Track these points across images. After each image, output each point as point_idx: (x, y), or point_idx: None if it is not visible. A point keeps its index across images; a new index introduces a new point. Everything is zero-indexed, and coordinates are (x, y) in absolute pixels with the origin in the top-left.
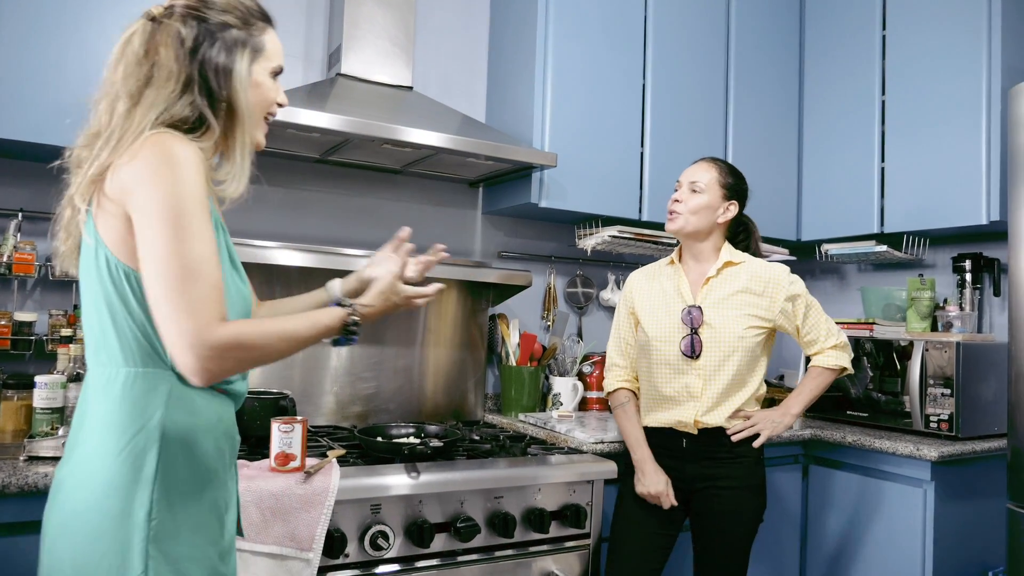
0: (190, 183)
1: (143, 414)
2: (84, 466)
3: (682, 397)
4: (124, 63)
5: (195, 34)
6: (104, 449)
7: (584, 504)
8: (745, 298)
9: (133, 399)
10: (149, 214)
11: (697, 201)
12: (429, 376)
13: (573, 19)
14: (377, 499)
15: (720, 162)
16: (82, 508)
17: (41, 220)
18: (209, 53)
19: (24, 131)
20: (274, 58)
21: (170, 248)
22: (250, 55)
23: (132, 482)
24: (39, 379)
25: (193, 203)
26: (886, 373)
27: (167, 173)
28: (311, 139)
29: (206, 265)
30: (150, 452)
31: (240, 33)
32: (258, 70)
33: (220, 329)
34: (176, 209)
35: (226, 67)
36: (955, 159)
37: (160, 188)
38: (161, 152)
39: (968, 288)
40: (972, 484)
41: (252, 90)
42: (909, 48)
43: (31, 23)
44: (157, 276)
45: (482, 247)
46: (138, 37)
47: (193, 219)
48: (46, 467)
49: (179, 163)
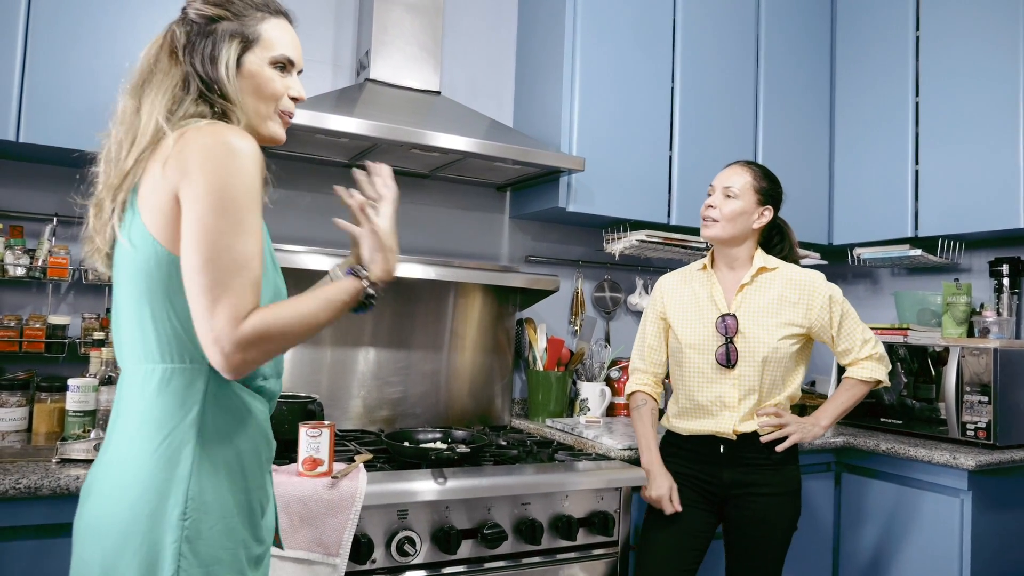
0: (247, 175)
1: (179, 411)
2: (118, 465)
3: (716, 407)
4: (145, 66)
5: (189, 31)
6: (139, 447)
7: (612, 511)
8: (781, 306)
9: (170, 395)
10: (201, 202)
11: (732, 207)
12: (456, 381)
13: (601, 21)
14: (404, 504)
15: (754, 165)
16: (114, 507)
17: (75, 225)
18: (199, 45)
19: (57, 136)
20: (275, 47)
21: (219, 239)
22: (239, 44)
23: (166, 480)
24: (72, 382)
25: (248, 196)
26: (921, 379)
27: (225, 161)
28: (340, 144)
29: (252, 261)
30: (185, 449)
31: (231, 24)
32: (252, 59)
33: (246, 322)
34: (230, 199)
35: (212, 56)
36: (991, 162)
37: (216, 176)
38: (219, 140)
39: (1006, 293)
40: (1011, 494)
41: (243, 80)
42: (943, 50)
43: (64, 29)
44: (200, 266)
45: (509, 251)
46: (155, 46)
47: (247, 213)
48: (78, 470)
49: (237, 153)
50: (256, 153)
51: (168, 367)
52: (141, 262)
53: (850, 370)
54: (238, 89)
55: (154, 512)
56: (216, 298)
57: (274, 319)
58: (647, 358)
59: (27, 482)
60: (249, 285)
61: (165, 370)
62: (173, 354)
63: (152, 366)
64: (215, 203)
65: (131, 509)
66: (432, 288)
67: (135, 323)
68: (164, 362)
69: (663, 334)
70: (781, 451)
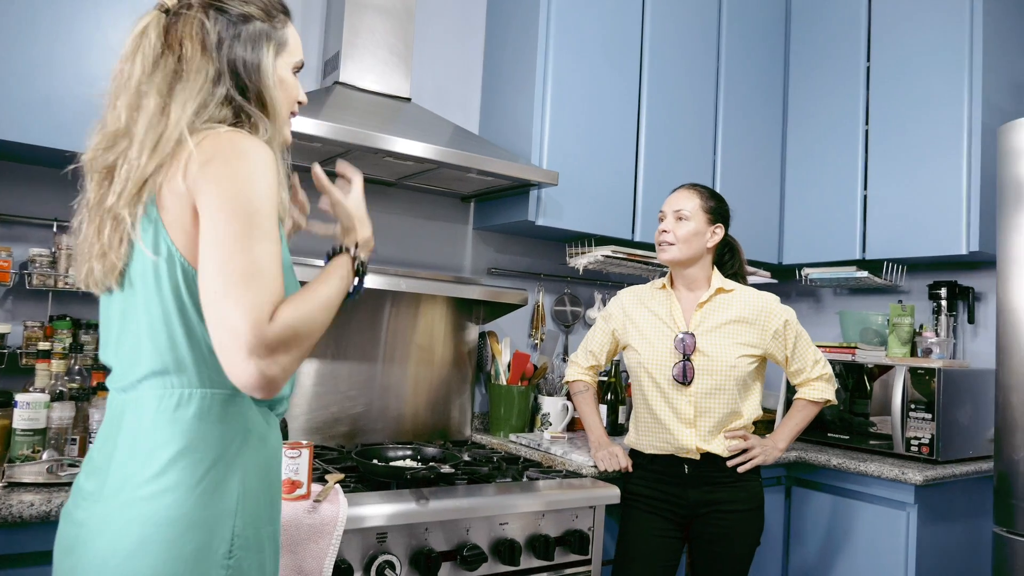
0: (265, 181)
1: (221, 440)
2: (149, 503)
3: (674, 423)
4: (141, 57)
5: (219, 26)
6: (177, 481)
7: (586, 529)
8: (737, 327)
9: (213, 423)
10: (218, 209)
11: (686, 228)
12: (417, 394)
13: (573, 37)
14: (383, 528)
15: (700, 187)
16: (145, 548)
17: (17, 224)
18: (236, 46)
19: (10, 131)
20: (296, 53)
21: (238, 245)
22: (275, 49)
23: (213, 516)
24: (20, 397)
25: (266, 202)
26: (865, 396)
27: (242, 168)
28: (309, 148)
29: (272, 267)
30: (232, 481)
31: (264, 26)
32: (282, 65)
33: (272, 325)
34: (248, 205)
35: (253, 61)
36: (937, 190)
37: (233, 183)
38: (236, 148)
39: (944, 315)
40: (951, 507)
41: (279, 86)
42: (892, 80)
43: (20, 16)
44: (217, 273)
45: (472, 263)
46: (153, 29)
47: (265, 218)
48: (29, 495)
49: (254, 160)
50: (273, 160)
51: (208, 392)
52: (172, 278)
53: (801, 391)
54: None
55: (198, 551)
56: (235, 304)
57: (296, 310)
58: (588, 359)
59: None
60: (270, 292)
61: (205, 395)
62: (213, 378)
63: (188, 391)
64: (235, 209)
65: (169, 548)
66: (394, 299)
67: (164, 344)
68: (204, 387)
69: (608, 345)
70: (744, 471)
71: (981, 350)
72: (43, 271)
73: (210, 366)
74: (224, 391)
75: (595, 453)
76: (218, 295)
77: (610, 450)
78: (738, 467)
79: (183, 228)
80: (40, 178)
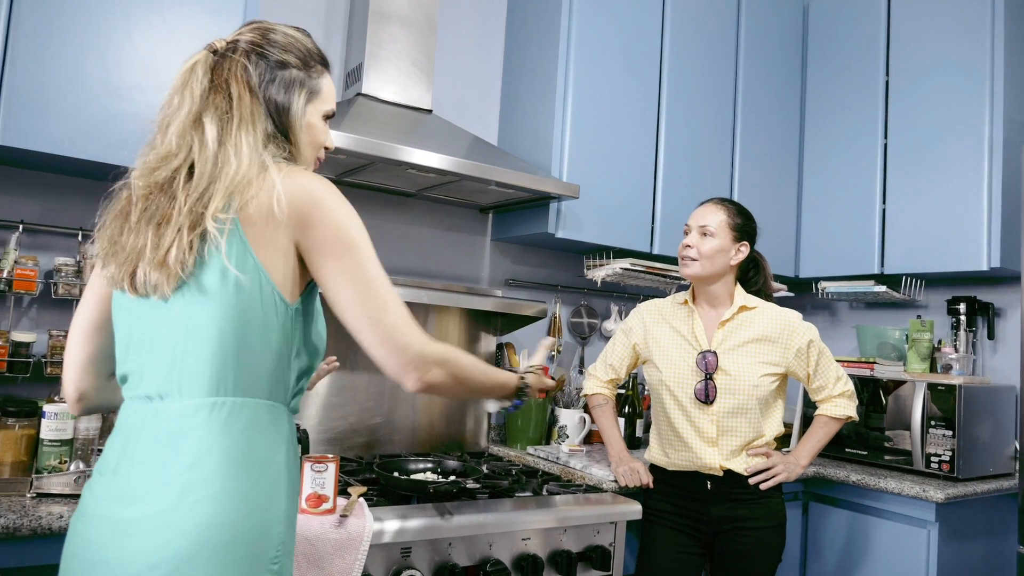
0: (356, 214)
1: (269, 448)
2: (201, 509)
3: (696, 442)
4: (189, 91)
5: (259, 70)
6: (232, 487)
7: (608, 545)
8: (760, 346)
9: (262, 432)
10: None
11: (710, 245)
12: (434, 406)
13: (595, 49)
14: (408, 543)
15: (728, 203)
16: (198, 552)
17: (44, 234)
18: (271, 88)
19: (40, 141)
20: (328, 101)
21: (364, 271)
22: (307, 95)
23: (265, 522)
24: (48, 408)
25: (364, 231)
26: (880, 411)
27: (342, 205)
28: (331, 160)
29: (391, 286)
30: (280, 488)
31: (299, 73)
32: (312, 111)
33: (433, 344)
34: (358, 236)
35: (284, 104)
36: (957, 205)
37: (343, 217)
38: (330, 186)
39: (963, 330)
40: (972, 525)
41: (306, 130)
42: (912, 96)
43: (49, 27)
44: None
45: (490, 274)
46: (201, 67)
47: (370, 246)
48: (58, 506)
49: (343, 198)
50: None
51: (258, 402)
52: (246, 295)
53: (823, 407)
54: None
55: (249, 555)
56: (395, 324)
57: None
58: (608, 372)
59: (4, 521)
60: (404, 308)
61: (257, 405)
62: (264, 390)
63: (240, 401)
64: (349, 242)
65: (223, 553)
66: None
67: (219, 357)
68: (255, 397)
69: (628, 359)
70: (766, 488)
71: (1001, 366)
72: (68, 280)
73: (264, 380)
74: (270, 401)
75: (616, 468)
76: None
77: (631, 466)
78: (760, 484)
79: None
80: (65, 188)
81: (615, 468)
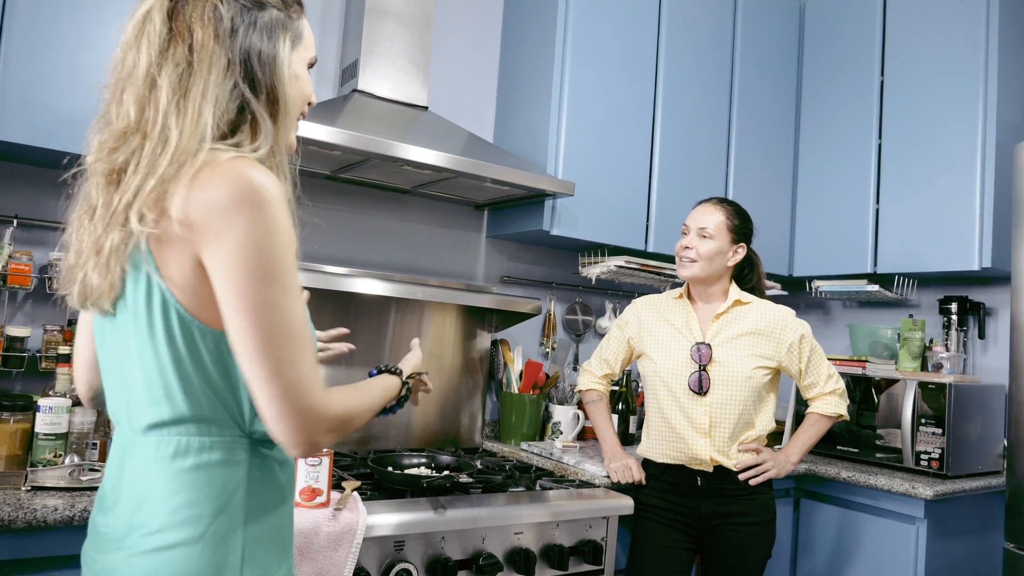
0: (283, 230)
1: (223, 492)
2: (153, 557)
3: (689, 433)
4: (147, 45)
5: (233, 11)
6: (178, 537)
7: (600, 540)
8: (753, 339)
9: (210, 474)
10: (241, 267)
11: (708, 247)
12: (429, 401)
13: (590, 47)
14: (401, 536)
15: (726, 203)
16: None
17: (38, 228)
18: (251, 34)
19: (35, 136)
20: (310, 48)
21: (273, 313)
22: (291, 40)
23: (217, 569)
24: (43, 402)
25: (288, 254)
26: (871, 409)
27: (258, 217)
28: (326, 155)
29: (305, 327)
30: (235, 535)
31: (280, 15)
32: (297, 59)
33: (332, 402)
34: (273, 263)
35: (270, 52)
36: (950, 206)
37: (250, 237)
38: (247, 189)
39: (954, 330)
40: (960, 522)
41: (293, 81)
42: (907, 96)
43: (44, 21)
44: (261, 348)
45: (485, 271)
46: (158, 14)
47: (290, 274)
48: (53, 499)
49: (269, 204)
50: (283, 195)
51: (206, 440)
52: (162, 323)
53: (814, 405)
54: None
55: None
56: (287, 375)
57: (347, 405)
58: (603, 367)
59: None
60: (312, 355)
61: (203, 444)
62: (210, 426)
63: (186, 439)
64: (256, 271)
65: None
66: (406, 306)
67: (158, 385)
68: (201, 435)
69: (623, 354)
70: (755, 484)
71: (991, 365)
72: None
73: (206, 413)
74: (222, 439)
75: (609, 464)
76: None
77: (625, 462)
78: (750, 480)
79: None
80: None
81: (608, 464)
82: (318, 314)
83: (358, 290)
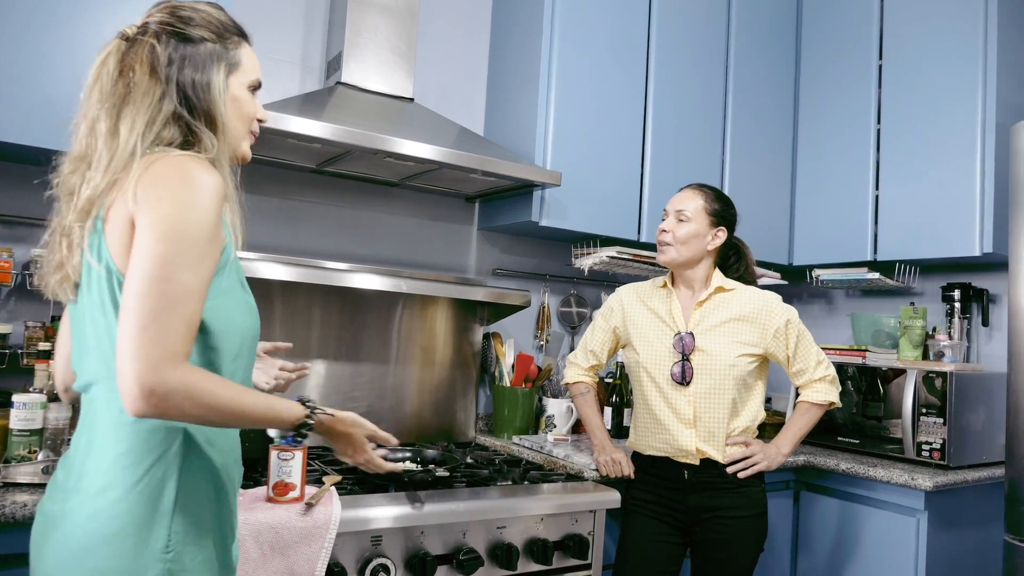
0: (203, 210)
1: (161, 443)
2: (94, 500)
3: (674, 424)
4: (99, 85)
5: (170, 49)
6: (117, 480)
7: (586, 534)
8: (737, 326)
9: (151, 427)
10: (149, 227)
11: (685, 230)
12: (421, 395)
13: (579, 35)
14: (378, 531)
15: (706, 188)
16: (90, 543)
17: (20, 225)
18: (185, 67)
19: (9, 132)
20: (251, 72)
21: (159, 270)
22: (226, 69)
23: (149, 515)
24: (17, 398)
25: (200, 231)
26: (876, 400)
27: (182, 194)
28: (310, 149)
29: (189, 298)
30: (169, 483)
31: (215, 47)
32: (235, 83)
33: (175, 370)
34: (179, 232)
35: (203, 81)
36: (950, 190)
37: (170, 207)
38: (181, 173)
39: (957, 317)
40: (962, 513)
41: (231, 104)
42: (905, 80)
43: (17, 18)
44: (136, 294)
45: (477, 263)
46: (112, 58)
47: (194, 247)
48: (23, 495)
49: (198, 187)
50: (219, 191)
51: None
52: (110, 289)
53: (804, 393)
54: (226, 113)
55: (136, 546)
56: (145, 328)
57: (208, 386)
58: (589, 359)
59: None
60: (182, 322)
61: None
62: None
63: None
64: (166, 231)
65: (110, 544)
66: (397, 300)
67: (107, 347)
68: None
69: (609, 344)
70: (745, 477)
71: (995, 353)
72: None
73: None
74: None
75: (597, 457)
76: (134, 315)
77: (613, 456)
78: (739, 473)
79: (122, 243)
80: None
81: (597, 457)
82: (307, 309)
83: (353, 285)
